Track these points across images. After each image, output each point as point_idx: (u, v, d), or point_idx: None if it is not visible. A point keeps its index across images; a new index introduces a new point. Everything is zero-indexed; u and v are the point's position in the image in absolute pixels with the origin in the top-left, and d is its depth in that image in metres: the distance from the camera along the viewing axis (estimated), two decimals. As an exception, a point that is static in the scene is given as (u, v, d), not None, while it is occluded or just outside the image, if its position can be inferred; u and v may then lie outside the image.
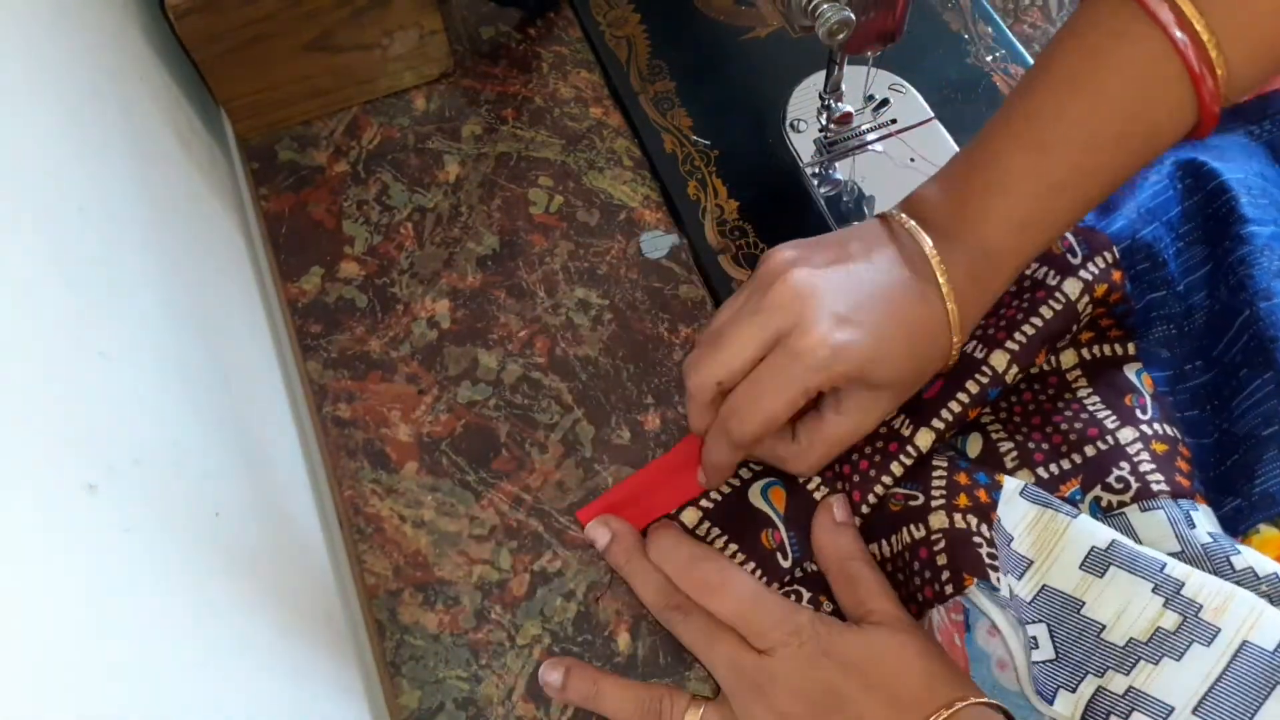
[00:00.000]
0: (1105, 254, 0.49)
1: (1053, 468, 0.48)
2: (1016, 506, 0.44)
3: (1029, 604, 0.43)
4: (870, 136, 0.60)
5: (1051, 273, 0.49)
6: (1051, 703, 0.42)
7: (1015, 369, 0.47)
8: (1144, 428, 0.47)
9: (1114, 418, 0.48)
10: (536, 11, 0.66)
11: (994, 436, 0.49)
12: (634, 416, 0.53)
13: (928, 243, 0.44)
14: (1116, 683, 0.40)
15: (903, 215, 0.46)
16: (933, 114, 0.60)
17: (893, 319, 0.44)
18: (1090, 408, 0.48)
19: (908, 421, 0.47)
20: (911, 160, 0.59)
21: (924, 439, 0.47)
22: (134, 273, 0.42)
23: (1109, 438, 0.47)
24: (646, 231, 0.58)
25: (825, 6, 0.48)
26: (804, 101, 0.61)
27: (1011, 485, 0.45)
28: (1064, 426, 0.48)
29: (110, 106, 0.46)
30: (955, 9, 0.65)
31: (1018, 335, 0.47)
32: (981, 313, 0.46)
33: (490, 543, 0.50)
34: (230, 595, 0.38)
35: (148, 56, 0.55)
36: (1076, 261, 0.49)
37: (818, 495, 0.49)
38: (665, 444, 0.52)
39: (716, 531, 0.49)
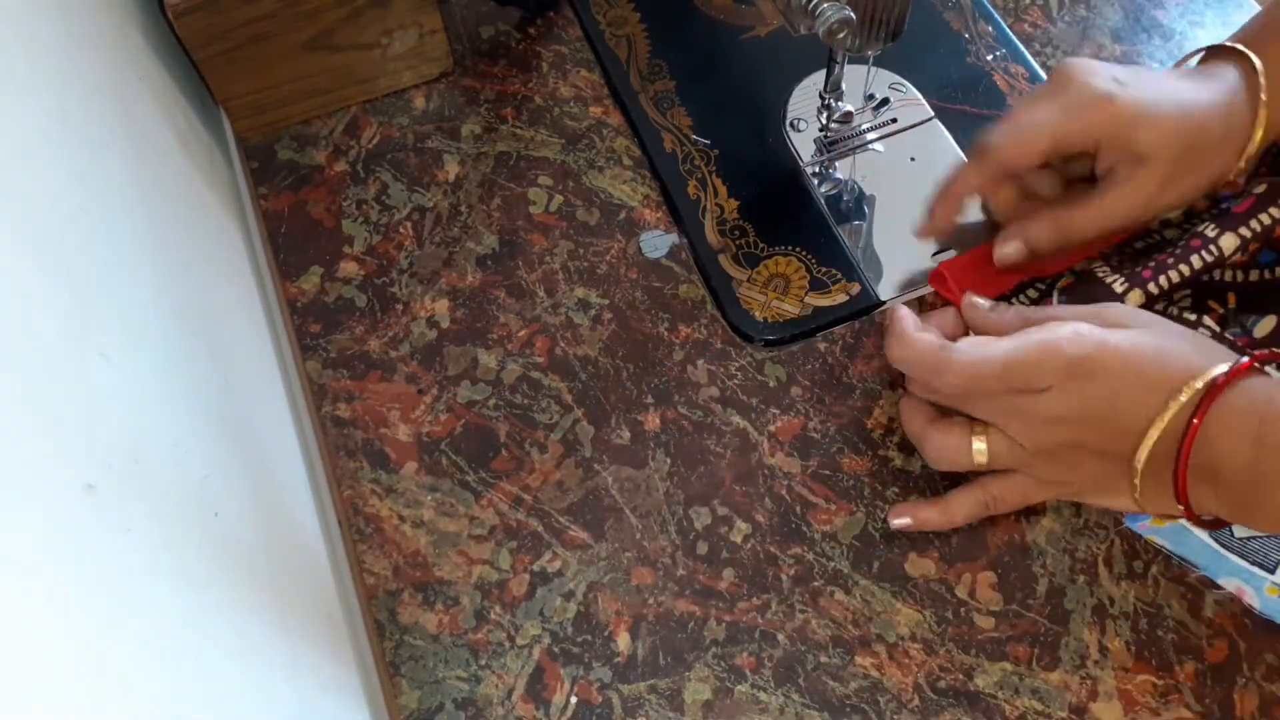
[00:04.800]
0: None
1: None
2: None
3: None
4: (870, 136, 0.60)
5: None
6: (1272, 572, 0.46)
7: None
8: None
9: None
10: (536, 11, 0.66)
11: None
12: (634, 416, 0.53)
13: (1256, 63, 0.48)
14: None
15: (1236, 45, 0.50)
16: (933, 113, 0.60)
17: (1173, 97, 0.48)
18: None
19: (1212, 226, 0.49)
20: (912, 159, 0.59)
21: (1228, 241, 0.49)
22: (134, 273, 0.42)
23: None
24: (646, 231, 0.58)
25: (825, 6, 0.48)
26: (804, 101, 0.61)
27: None
28: None
29: (110, 106, 0.46)
30: (956, 8, 0.65)
31: None
32: None
33: (490, 543, 0.50)
34: (229, 595, 0.38)
35: (147, 56, 0.55)
36: None
37: (1109, 280, 0.50)
38: (665, 444, 0.52)
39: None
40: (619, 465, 0.52)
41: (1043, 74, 0.62)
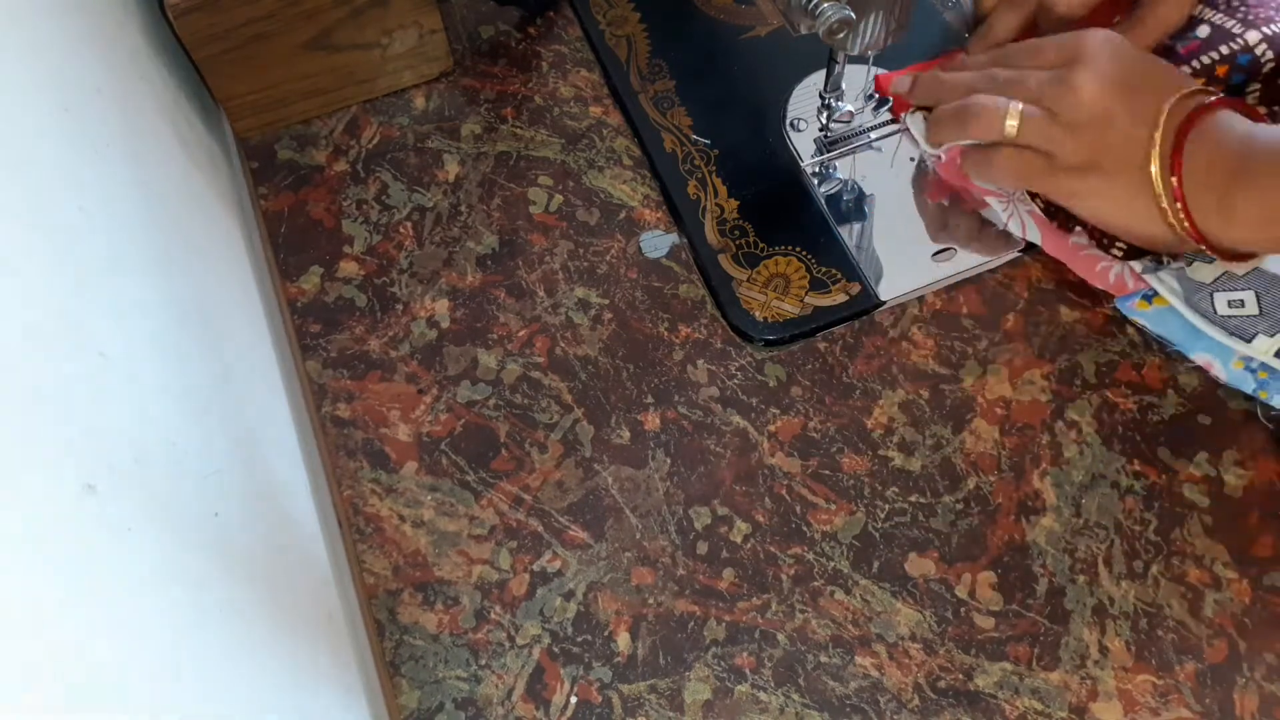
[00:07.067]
0: None
1: None
2: None
3: (1241, 277, 0.49)
4: (870, 135, 0.60)
5: None
6: (1249, 342, 0.49)
7: None
8: None
9: None
10: (536, 10, 0.66)
11: None
12: (634, 416, 0.53)
13: None
14: None
15: None
16: (933, 113, 0.60)
17: None
18: None
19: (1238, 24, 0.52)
20: (911, 159, 0.59)
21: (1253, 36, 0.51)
22: (134, 273, 0.42)
23: None
24: (646, 231, 0.58)
25: (825, 5, 0.48)
26: (804, 100, 0.61)
27: None
28: None
29: (110, 106, 0.46)
30: (955, 9, 0.65)
31: None
32: None
33: (490, 543, 0.50)
34: (229, 595, 0.38)
35: (147, 56, 0.55)
36: None
37: None
38: (665, 444, 0.52)
39: None
40: (619, 465, 0.52)
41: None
